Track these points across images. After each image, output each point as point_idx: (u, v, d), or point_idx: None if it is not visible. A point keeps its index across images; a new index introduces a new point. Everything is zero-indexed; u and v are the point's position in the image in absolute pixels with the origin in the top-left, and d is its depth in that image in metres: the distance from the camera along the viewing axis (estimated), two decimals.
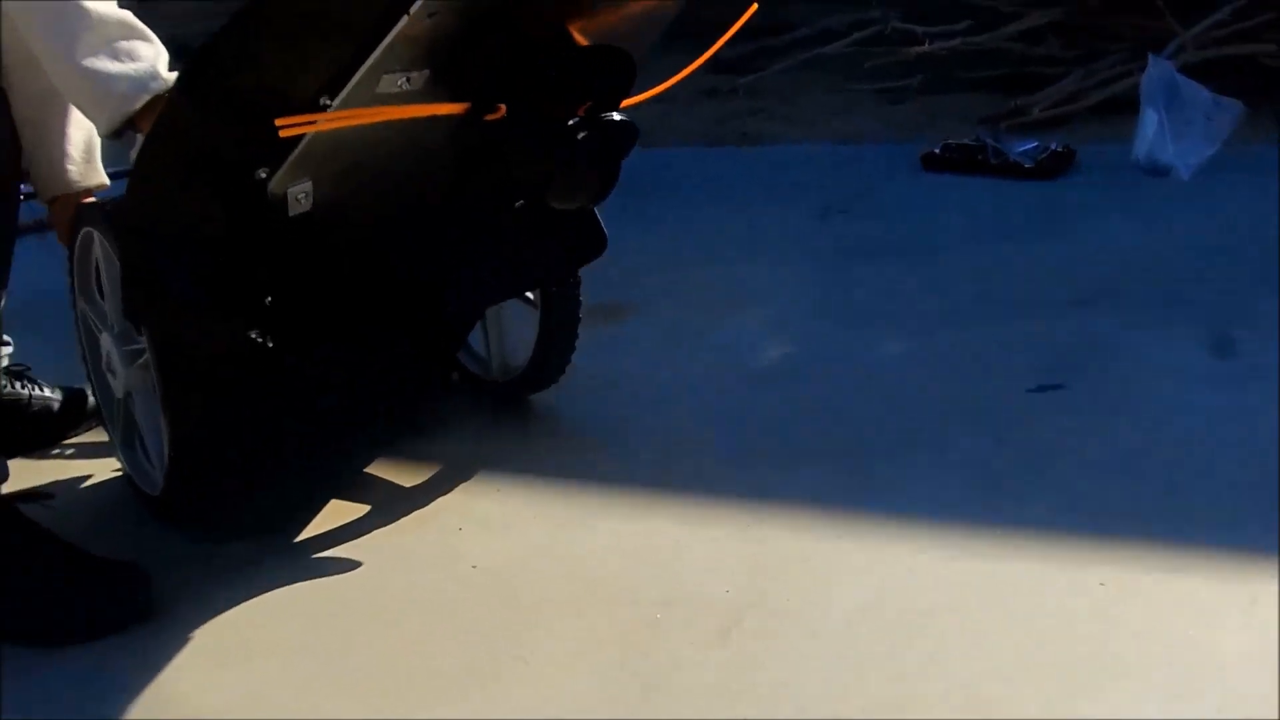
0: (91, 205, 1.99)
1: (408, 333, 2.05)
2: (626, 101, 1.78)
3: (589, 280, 2.15)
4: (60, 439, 2.30)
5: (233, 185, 1.61)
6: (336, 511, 2.00)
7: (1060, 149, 3.70)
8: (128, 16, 1.69)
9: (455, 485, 2.06)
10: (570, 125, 1.69)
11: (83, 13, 1.63)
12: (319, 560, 1.88)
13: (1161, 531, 1.82)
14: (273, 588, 1.82)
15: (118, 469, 2.12)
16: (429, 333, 2.11)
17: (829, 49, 5.28)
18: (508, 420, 2.28)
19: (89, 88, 1.66)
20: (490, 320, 2.27)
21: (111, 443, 2.12)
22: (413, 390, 2.27)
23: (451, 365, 2.32)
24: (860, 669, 1.58)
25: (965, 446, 2.10)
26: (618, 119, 1.74)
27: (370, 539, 1.93)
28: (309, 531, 1.96)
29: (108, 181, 2.08)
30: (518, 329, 2.24)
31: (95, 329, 2.07)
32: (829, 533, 1.88)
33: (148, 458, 2.02)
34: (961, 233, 3.17)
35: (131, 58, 1.66)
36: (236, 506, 2.00)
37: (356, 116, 1.52)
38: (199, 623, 1.74)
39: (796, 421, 2.22)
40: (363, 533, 1.94)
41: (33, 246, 2.23)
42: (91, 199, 2.03)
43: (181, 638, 1.71)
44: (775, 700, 1.54)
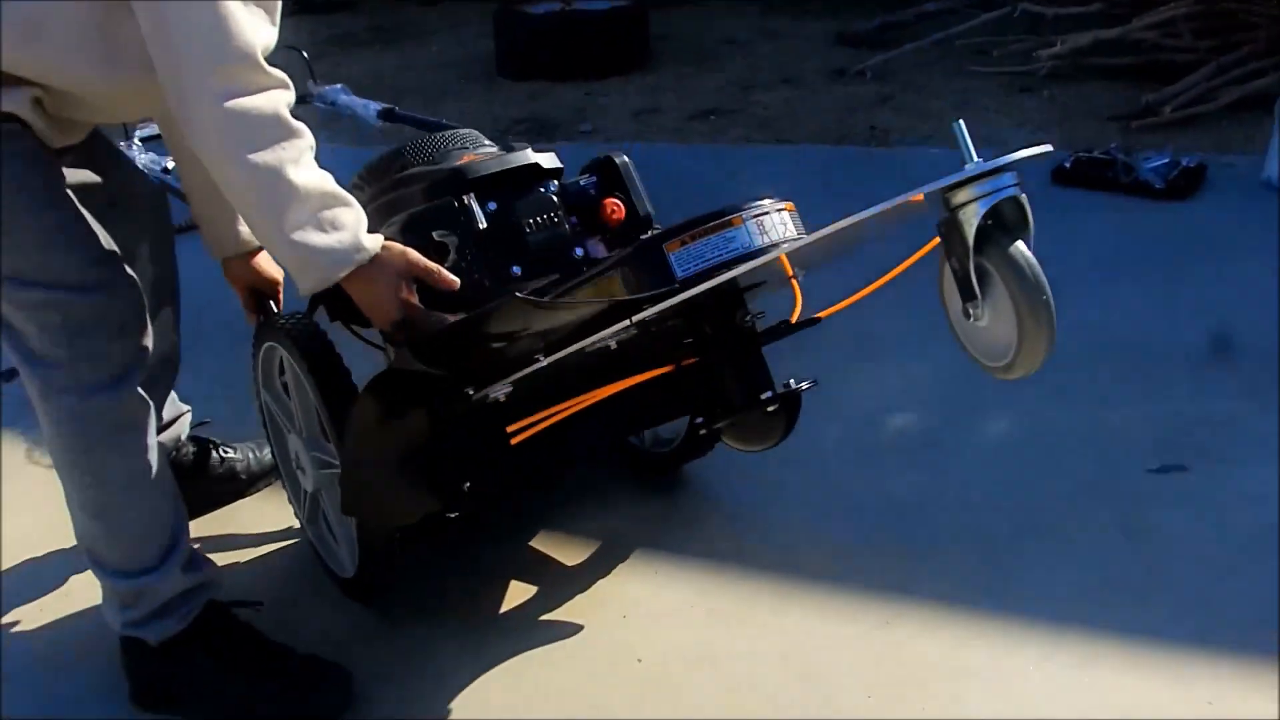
0: (275, 321, 2.16)
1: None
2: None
3: None
4: (243, 495, 2.54)
5: (442, 404, 1.86)
6: (508, 591, 2.21)
7: (1192, 165, 3.73)
8: (329, 185, 1.79)
9: (615, 566, 2.25)
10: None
11: (291, 187, 1.74)
12: (495, 646, 2.09)
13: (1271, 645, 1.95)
14: (457, 673, 2.04)
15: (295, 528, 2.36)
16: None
17: (957, 30, 5.29)
18: (655, 490, 2.46)
19: (297, 258, 1.78)
20: None
21: (297, 515, 2.36)
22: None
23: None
24: None
25: (1089, 538, 2.22)
26: (803, 388, 2.01)
27: (543, 625, 2.12)
28: (485, 612, 2.16)
29: None
30: None
31: (283, 427, 2.28)
32: (960, 635, 2.03)
33: (334, 538, 2.24)
34: (1089, 267, 3.25)
35: (335, 227, 1.78)
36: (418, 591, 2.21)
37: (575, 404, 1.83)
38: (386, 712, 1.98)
39: (922, 507, 2.35)
40: (533, 616, 2.14)
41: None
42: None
43: None
44: None
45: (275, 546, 2.42)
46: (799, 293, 2.11)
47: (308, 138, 1.75)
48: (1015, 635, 2.03)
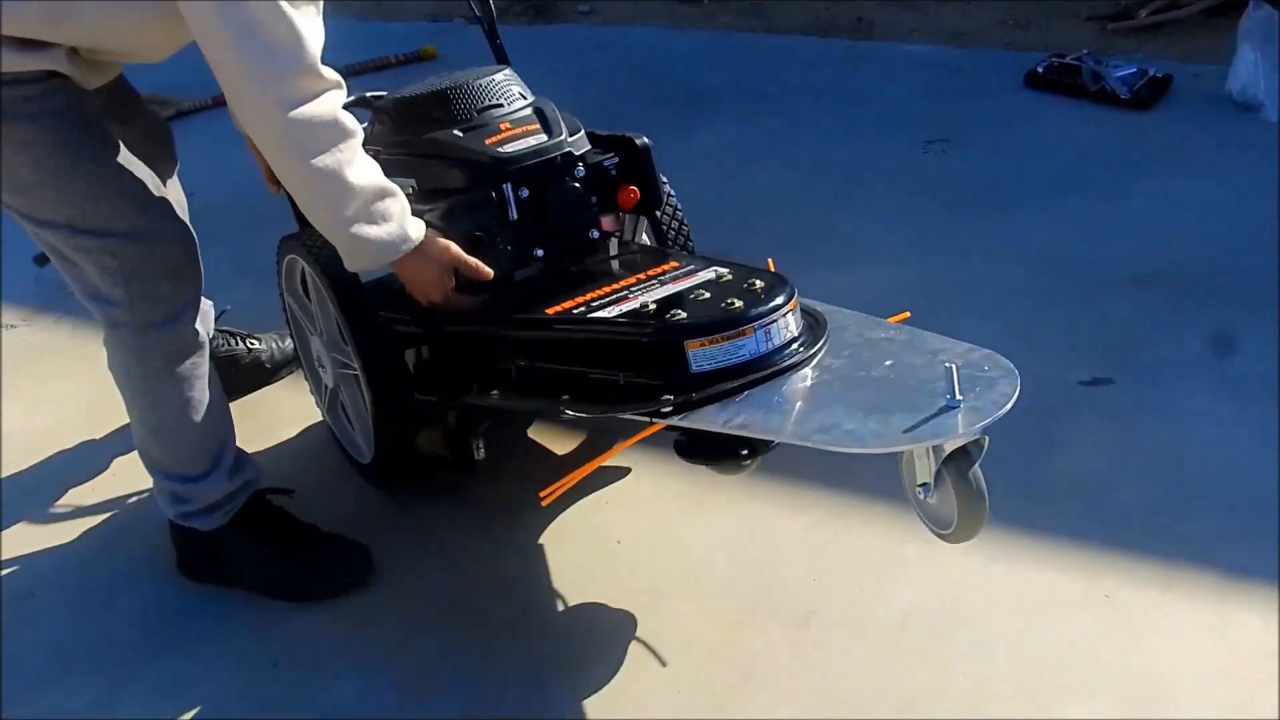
0: (295, 237, 2.39)
1: None
2: None
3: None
4: (268, 382, 2.83)
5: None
6: (507, 479, 2.51)
7: (1159, 75, 3.92)
8: (380, 179, 1.95)
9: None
10: None
11: (348, 187, 1.89)
12: (497, 528, 2.40)
13: (1165, 547, 2.26)
14: (464, 549, 2.35)
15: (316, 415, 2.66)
16: None
17: None
18: None
19: (352, 247, 1.97)
20: None
21: (319, 405, 2.65)
22: None
23: None
24: (906, 663, 2.08)
25: (1016, 444, 2.51)
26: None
27: (538, 510, 2.39)
28: (487, 497, 2.47)
29: None
30: None
31: (306, 329, 2.55)
32: (898, 529, 2.33)
33: (352, 427, 2.53)
34: (1045, 179, 3.50)
35: (385, 219, 1.95)
36: (428, 477, 2.50)
37: (583, 471, 2.00)
38: (404, 587, 2.30)
39: None
40: (529, 503, 2.39)
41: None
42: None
43: (392, 602, 2.27)
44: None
45: (298, 430, 2.72)
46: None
47: (359, 134, 1.92)
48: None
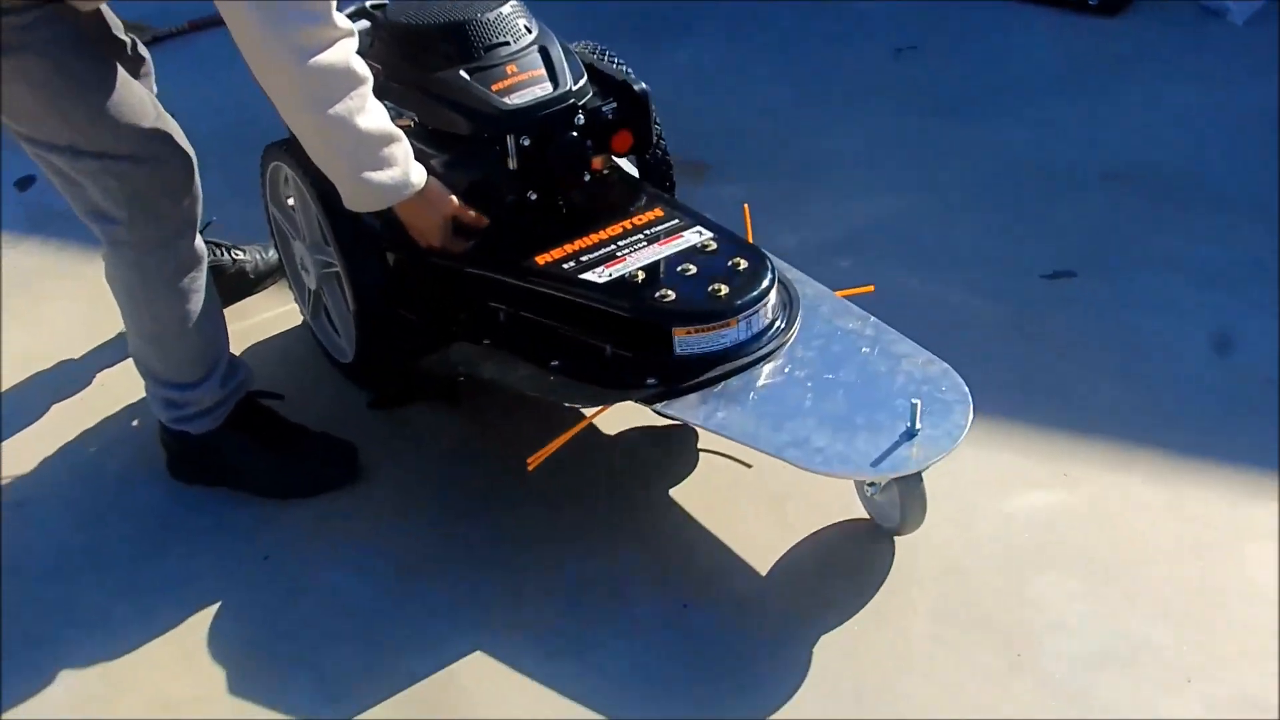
0: (281, 144, 2.42)
1: None
2: None
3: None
4: (252, 292, 2.88)
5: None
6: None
7: None
8: (386, 124, 1.98)
9: None
10: None
11: (358, 134, 1.94)
12: (483, 427, 2.46)
13: (1124, 431, 2.34)
14: (452, 454, 2.42)
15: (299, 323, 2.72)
16: None
17: None
18: None
19: (356, 191, 2.03)
20: None
21: (302, 311, 2.70)
22: None
23: None
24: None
25: (985, 335, 2.59)
26: None
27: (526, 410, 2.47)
28: (471, 397, 2.51)
29: None
30: None
31: (289, 235, 2.60)
32: None
33: (336, 332, 2.59)
34: (1015, 85, 3.55)
35: (390, 164, 2.00)
36: (406, 377, 2.51)
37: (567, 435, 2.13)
38: (391, 484, 2.37)
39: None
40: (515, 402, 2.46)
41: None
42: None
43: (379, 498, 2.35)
44: None
45: (280, 336, 2.78)
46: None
47: (370, 80, 1.95)
48: None
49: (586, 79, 2.31)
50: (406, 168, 2.04)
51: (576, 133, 2.26)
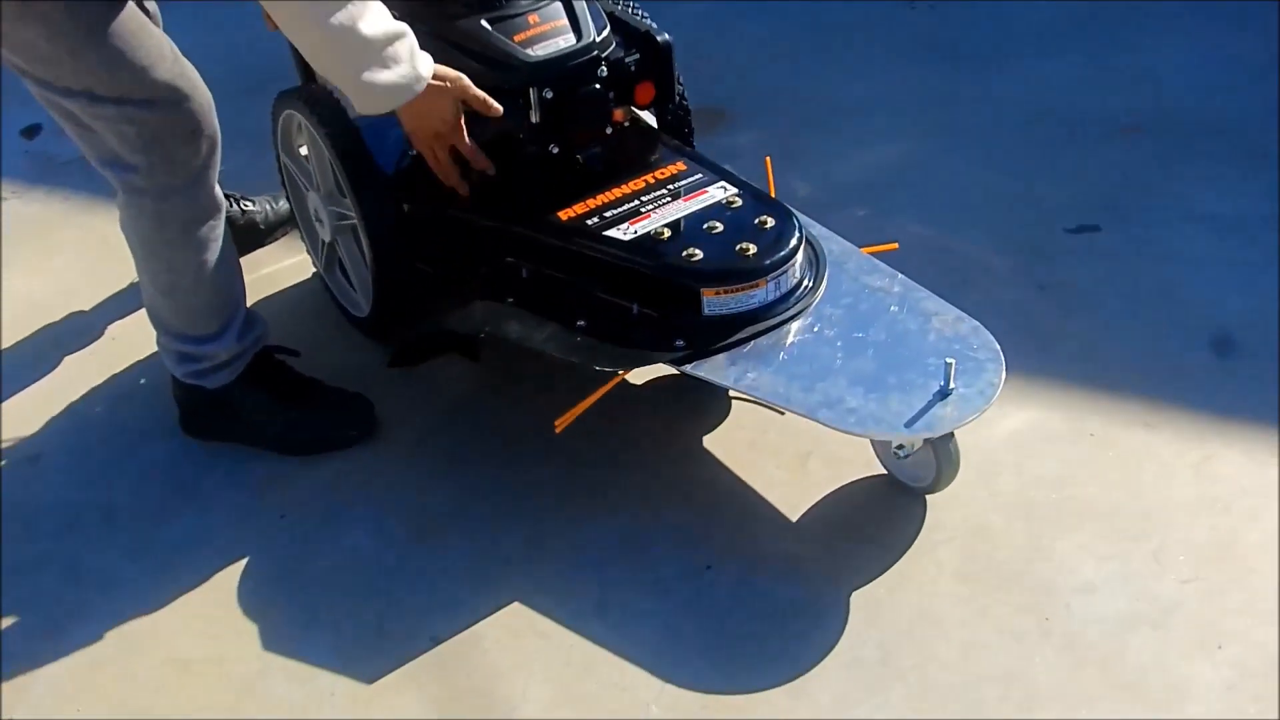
0: (294, 92, 2.39)
1: None
2: None
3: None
4: (262, 244, 2.83)
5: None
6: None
7: None
8: (389, 23, 1.91)
9: None
10: None
11: (363, 40, 1.87)
12: (499, 380, 2.43)
13: (1150, 386, 2.31)
14: (467, 407, 2.39)
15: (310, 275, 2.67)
16: None
17: None
18: None
19: (365, 94, 1.94)
20: None
21: (316, 265, 2.66)
22: None
23: None
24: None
25: (1005, 289, 2.55)
26: None
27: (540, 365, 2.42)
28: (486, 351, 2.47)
29: None
30: None
31: (302, 186, 2.55)
32: None
33: (351, 285, 2.55)
34: (1030, 34, 3.50)
35: (396, 61, 1.92)
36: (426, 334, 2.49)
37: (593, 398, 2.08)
38: (406, 440, 2.34)
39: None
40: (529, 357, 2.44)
41: None
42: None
43: (395, 453, 2.32)
44: None
45: (294, 288, 2.73)
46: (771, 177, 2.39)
47: None
48: None
49: (609, 30, 2.26)
50: (414, 63, 1.97)
51: (599, 85, 2.22)
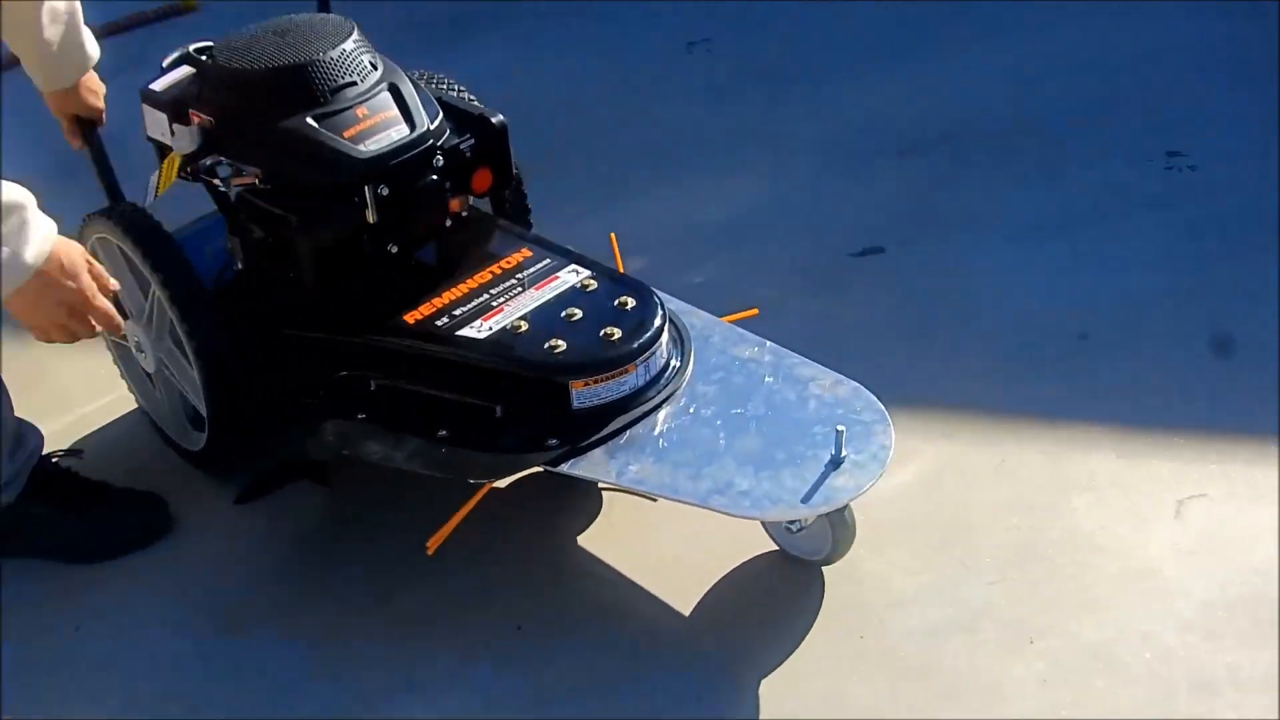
0: (103, 214, 2.18)
1: None
2: None
3: None
4: None
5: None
6: None
7: None
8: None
9: None
10: None
11: None
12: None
13: (946, 397, 2.37)
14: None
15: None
16: None
17: None
18: None
19: None
20: None
21: (137, 400, 2.46)
22: None
23: None
24: None
25: (798, 313, 2.60)
26: None
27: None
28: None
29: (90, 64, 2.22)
30: None
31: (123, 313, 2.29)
32: None
33: (184, 417, 2.35)
34: (811, 67, 3.59)
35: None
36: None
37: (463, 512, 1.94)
38: (207, 535, 2.25)
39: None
40: None
41: None
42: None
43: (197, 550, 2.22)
44: None
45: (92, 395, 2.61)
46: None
47: None
48: None
49: (443, 116, 2.14)
50: (17, 244, 1.61)
51: (436, 175, 2.10)
